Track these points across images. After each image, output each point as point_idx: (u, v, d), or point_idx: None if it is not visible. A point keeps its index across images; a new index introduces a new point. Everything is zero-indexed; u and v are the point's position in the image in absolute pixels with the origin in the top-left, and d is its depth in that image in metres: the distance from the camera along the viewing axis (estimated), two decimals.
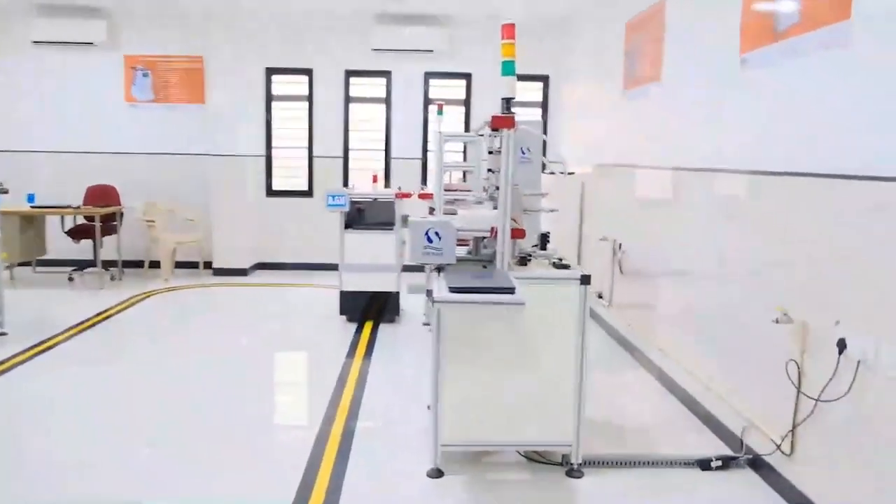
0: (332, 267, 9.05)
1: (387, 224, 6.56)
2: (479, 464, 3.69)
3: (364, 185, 7.05)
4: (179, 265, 8.80)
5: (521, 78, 3.58)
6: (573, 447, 3.49)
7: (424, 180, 9.20)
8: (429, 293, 3.44)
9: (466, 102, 9.27)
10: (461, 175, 7.66)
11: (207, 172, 8.94)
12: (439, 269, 3.39)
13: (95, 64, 9.11)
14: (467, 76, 9.23)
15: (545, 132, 3.94)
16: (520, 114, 3.41)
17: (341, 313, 6.64)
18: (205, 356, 5.70)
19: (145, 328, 6.60)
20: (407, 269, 6.69)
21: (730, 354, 3.93)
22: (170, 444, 3.95)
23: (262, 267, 9.32)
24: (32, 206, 8.07)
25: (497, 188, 3.43)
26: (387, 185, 9.14)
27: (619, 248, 5.98)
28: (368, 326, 6.54)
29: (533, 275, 3.38)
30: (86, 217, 8.48)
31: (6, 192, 5.99)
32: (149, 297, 7.69)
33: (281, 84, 9.31)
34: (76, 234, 8.46)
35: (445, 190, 5.38)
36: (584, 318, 3.37)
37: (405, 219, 5.68)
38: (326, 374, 5.24)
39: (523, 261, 3.52)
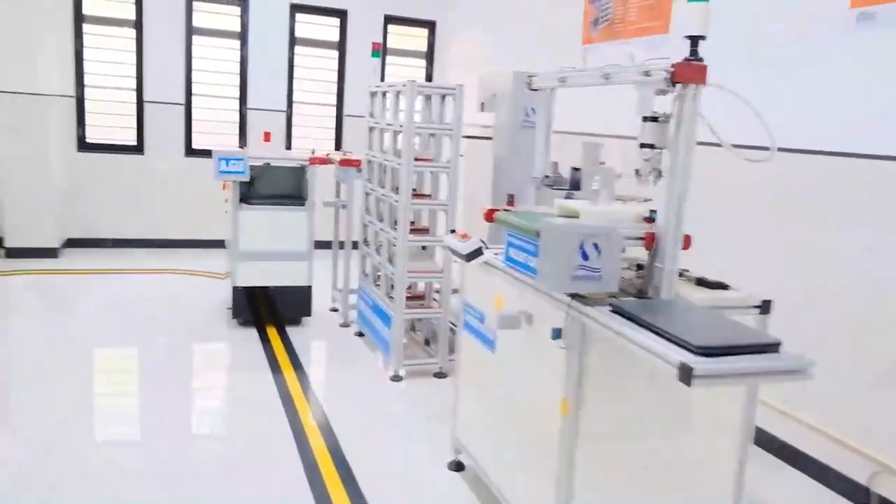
0: (173, 244, 7.47)
1: (295, 198, 5.03)
2: None
3: (258, 146, 5.36)
4: None
5: None
6: None
7: (338, 141, 7.59)
8: (556, 334, 2.24)
9: (341, 46, 7.73)
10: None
11: None
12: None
13: None
14: (342, 13, 7.67)
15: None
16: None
17: (234, 316, 5.01)
18: (54, 399, 3.83)
19: None
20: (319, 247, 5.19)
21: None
22: None
23: (74, 244, 7.06)
24: None
25: (657, 172, 2.28)
26: (241, 142, 7.36)
27: None
28: (273, 332, 5.00)
29: (706, 301, 2.31)
30: None
31: None
32: None
33: (98, 2, 6.99)
34: None
35: (416, 160, 4.04)
36: None
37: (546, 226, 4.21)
38: (264, 412, 3.74)
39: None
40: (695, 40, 2.17)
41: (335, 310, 5.56)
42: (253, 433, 3.60)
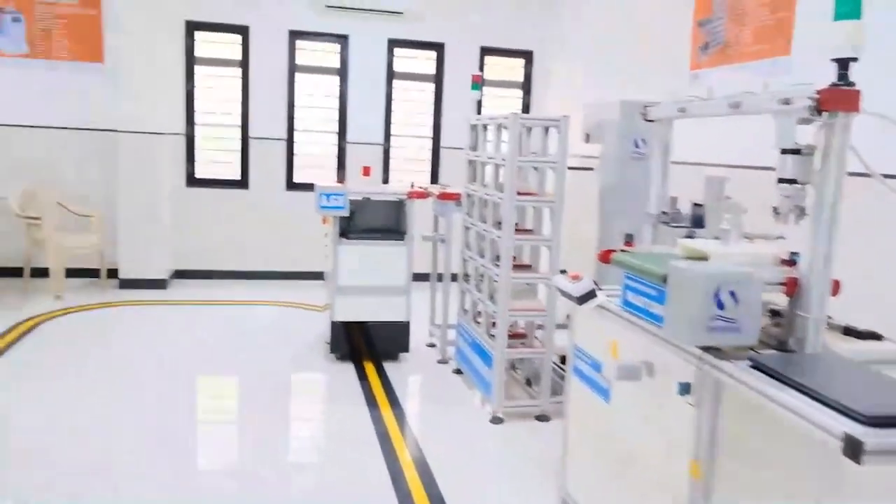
0: (273, 276, 7.56)
1: (394, 232, 4.99)
2: None
3: (357, 180, 5.37)
4: (72, 272, 6.63)
5: None
6: None
7: (434, 174, 7.71)
8: (684, 389, 2.03)
9: (437, 78, 7.74)
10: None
11: (109, 154, 6.83)
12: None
13: None
14: (439, 46, 7.69)
15: None
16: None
17: (332, 350, 4.99)
18: (158, 424, 3.89)
19: (43, 384, 4.57)
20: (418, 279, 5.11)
21: None
22: None
23: (181, 275, 7.33)
24: None
25: (798, 210, 2.05)
26: (340, 175, 7.47)
27: None
28: (370, 367, 4.95)
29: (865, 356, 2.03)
30: None
31: None
32: (37, 324, 5.59)
33: (207, 44, 7.31)
34: None
35: (519, 194, 3.91)
36: None
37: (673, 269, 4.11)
38: (360, 458, 3.66)
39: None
40: (844, 63, 1.94)
41: (432, 345, 5.46)
42: (349, 466, 3.54)
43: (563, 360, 4.27)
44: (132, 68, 6.69)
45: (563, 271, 2.80)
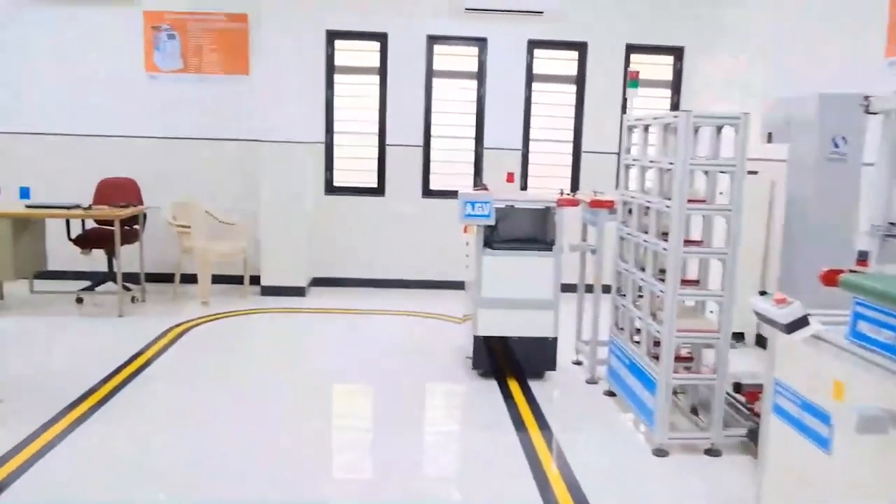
0: (409, 285, 7.39)
1: (540, 242, 4.69)
2: None
3: (500, 187, 5.10)
4: (217, 279, 6.82)
5: None
6: None
7: (574, 180, 7.39)
8: None
9: (579, 79, 7.36)
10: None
11: (252, 164, 6.98)
12: None
13: (106, 23, 7.08)
14: (581, 46, 7.31)
15: None
16: None
17: (474, 366, 4.75)
18: (293, 430, 3.79)
19: (195, 391, 4.62)
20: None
21: None
22: None
23: (319, 283, 7.38)
24: (29, 206, 6.07)
25: None
26: (476, 181, 7.24)
27: None
28: (514, 386, 4.66)
29: None
30: (98, 221, 6.50)
31: None
32: (186, 330, 5.74)
33: (346, 52, 7.33)
34: (86, 241, 6.47)
35: (690, 201, 3.49)
36: None
37: None
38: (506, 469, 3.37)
39: None
40: None
41: (579, 363, 5.10)
42: (498, 491, 3.30)
43: (736, 387, 3.80)
44: (275, 79, 6.79)
45: (763, 293, 2.39)
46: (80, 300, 6.45)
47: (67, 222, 6.43)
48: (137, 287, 6.61)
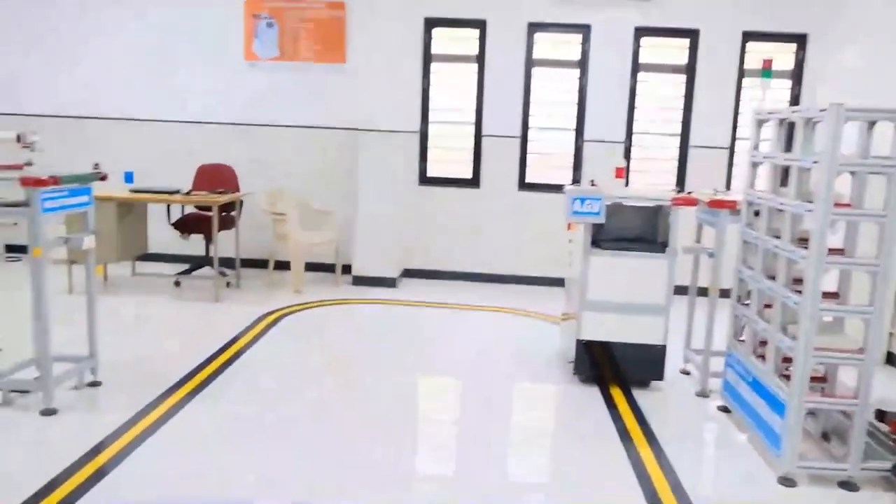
0: (502, 279, 7.15)
1: (651, 242, 4.38)
2: None
3: (608, 183, 4.80)
4: (309, 266, 6.80)
5: None
6: None
7: (680, 176, 6.97)
8: None
9: (689, 69, 6.92)
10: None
11: (347, 152, 6.93)
12: None
13: (208, 11, 7.16)
14: (692, 33, 6.87)
15: None
16: None
17: (576, 371, 4.50)
18: (381, 423, 3.64)
19: (288, 381, 4.55)
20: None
21: None
22: None
23: (409, 274, 7.27)
24: (133, 191, 6.20)
25: None
26: (576, 175, 6.94)
27: None
28: (618, 394, 4.38)
29: None
30: (197, 206, 6.59)
31: (104, 177, 4.06)
32: (280, 318, 5.72)
33: (443, 41, 7.15)
34: (185, 226, 6.57)
35: (837, 205, 3.11)
36: None
37: None
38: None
39: None
40: None
41: (687, 373, 4.77)
42: None
43: (880, 415, 3.41)
44: (372, 67, 6.69)
45: None
46: (177, 283, 6.56)
47: (168, 207, 6.55)
48: (232, 272, 6.67)
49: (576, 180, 7.00)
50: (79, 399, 3.95)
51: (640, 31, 6.88)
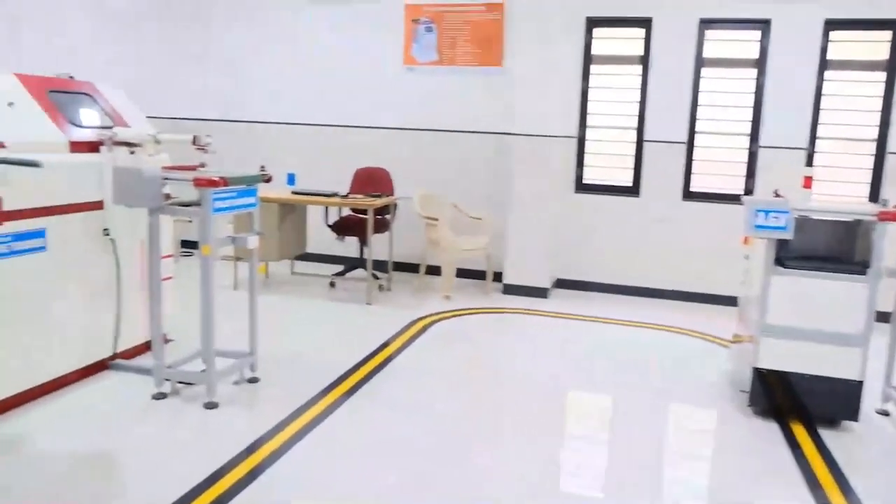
0: (662, 295, 6.71)
1: (847, 262, 3.84)
2: None
3: (794, 193, 4.29)
4: (459, 272, 6.72)
5: None
6: None
7: (874, 187, 6.22)
8: None
9: (890, 65, 6.12)
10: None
11: (501, 158, 6.79)
12: None
13: (369, 18, 7.28)
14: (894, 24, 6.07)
15: None
16: None
17: (751, 403, 4.03)
18: (524, 437, 3.40)
19: (439, 389, 4.43)
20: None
21: None
22: None
23: (562, 285, 6.99)
24: (294, 192, 6.41)
25: None
26: (751, 185, 6.34)
27: None
28: (801, 433, 3.87)
29: None
30: (353, 208, 6.70)
31: (269, 179, 4.15)
32: (430, 324, 5.66)
33: (605, 41, 6.82)
34: (341, 228, 6.71)
35: None
36: None
37: None
38: None
39: None
40: None
41: (886, 413, 4.15)
42: None
43: None
44: (530, 71, 6.49)
45: None
46: (332, 284, 6.71)
47: (326, 209, 6.71)
48: (385, 276, 6.72)
49: (749, 190, 6.41)
50: (239, 394, 4.06)
51: (831, 24, 6.17)
